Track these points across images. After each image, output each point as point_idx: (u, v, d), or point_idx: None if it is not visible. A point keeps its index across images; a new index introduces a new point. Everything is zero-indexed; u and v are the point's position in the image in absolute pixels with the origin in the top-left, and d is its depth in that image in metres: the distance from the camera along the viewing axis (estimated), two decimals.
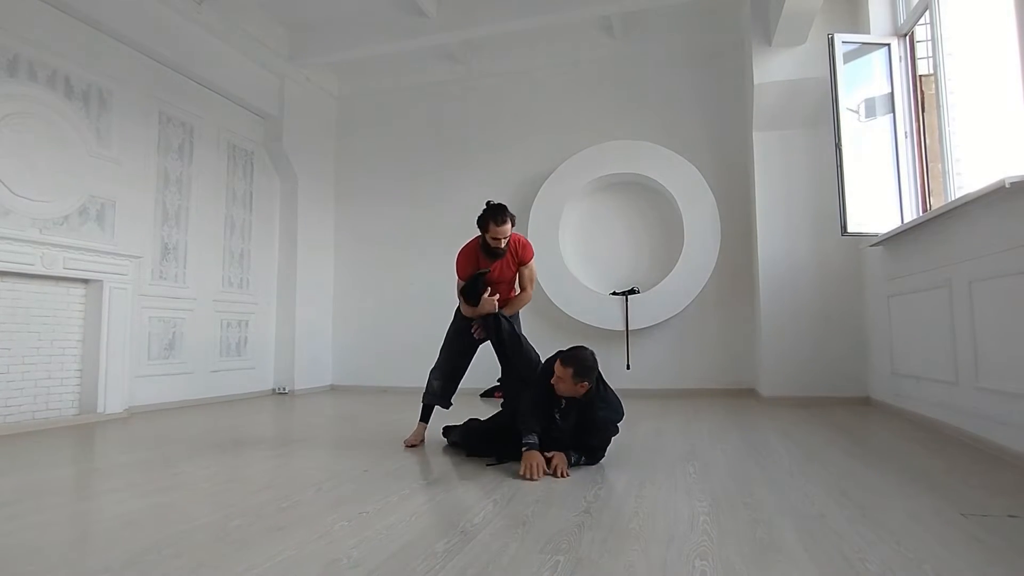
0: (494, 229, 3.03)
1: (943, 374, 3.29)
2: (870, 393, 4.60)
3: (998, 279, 2.72)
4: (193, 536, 1.76)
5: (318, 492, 2.25)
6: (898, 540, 1.64)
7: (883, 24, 4.34)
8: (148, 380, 4.85)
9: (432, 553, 1.57)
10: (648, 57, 5.97)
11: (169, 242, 5.10)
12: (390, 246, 6.64)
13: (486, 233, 3.07)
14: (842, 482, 2.30)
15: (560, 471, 2.41)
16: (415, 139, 6.66)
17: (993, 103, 3.33)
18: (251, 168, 6.02)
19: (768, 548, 1.60)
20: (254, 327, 5.97)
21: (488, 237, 3.07)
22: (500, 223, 3.02)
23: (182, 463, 2.85)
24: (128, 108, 4.71)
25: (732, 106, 5.68)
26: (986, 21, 3.38)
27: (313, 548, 1.63)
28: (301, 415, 4.68)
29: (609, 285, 5.83)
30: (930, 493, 2.13)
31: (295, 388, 6.12)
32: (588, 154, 5.86)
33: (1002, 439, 2.68)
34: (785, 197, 4.98)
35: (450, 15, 5.56)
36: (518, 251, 3.21)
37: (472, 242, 3.23)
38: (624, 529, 1.77)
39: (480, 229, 3.10)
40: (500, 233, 3.03)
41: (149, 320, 4.90)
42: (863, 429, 3.58)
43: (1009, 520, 1.81)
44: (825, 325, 4.81)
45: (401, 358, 6.42)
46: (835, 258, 4.83)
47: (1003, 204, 2.64)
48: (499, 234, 3.03)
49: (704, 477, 2.40)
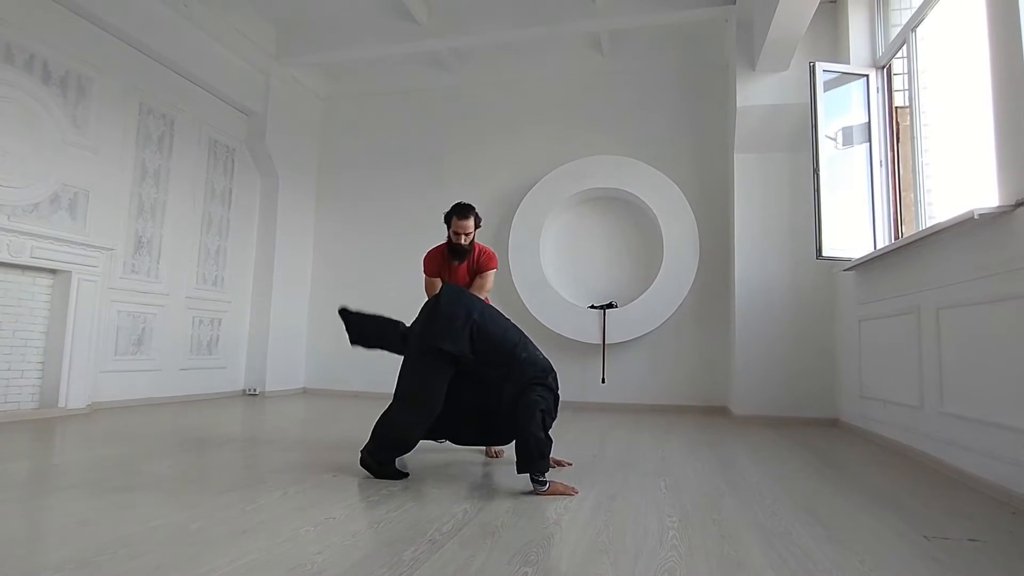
0: (456, 223, 3.19)
1: (909, 398, 3.36)
2: (839, 415, 4.67)
3: (964, 307, 2.80)
4: (151, 536, 1.70)
5: (284, 496, 2.20)
6: (861, 559, 1.66)
7: (862, 55, 4.46)
8: (114, 375, 4.73)
9: (399, 561, 1.55)
10: (635, 75, 6.05)
11: (143, 235, 4.99)
12: (370, 250, 6.59)
13: (449, 228, 3.24)
14: (809, 501, 2.32)
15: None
16: (399, 144, 6.64)
17: (964, 136, 3.44)
18: (232, 164, 5.94)
19: (735, 564, 1.60)
20: (227, 326, 5.87)
21: (451, 232, 3.22)
22: (462, 217, 3.19)
23: (144, 462, 2.77)
24: (107, 97, 4.61)
25: (715, 127, 5.78)
26: (960, 57, 3.50)
27: (277, 552, 1.59)
28: (271, 417, 4.59)
29: (587, 298, 5.85)
30: (894, 514, 2.16)
31: (266, 390, 6.02)
32: (571, 167, 5.90)
33: (964, 464, 2.74)
34: (762, 219, 5.07)
35: (441, 22, 5.57)
36: (479, 258, 3.33)
37: (441, 244, 3.38)
38: (593, 542, 1.76)
39: (445, 224, 3.26)
40: (462, 228, 3.18)
41: (118, 314, 4.79)
42: (831, 450, 3.63)
43: (969, 543, 1.84)
44: (797, 346, 4.88)
45: (375, 363, 6.32)
46: (809, 281, 4.92)
47: (971, 235, 2.72)
48: (460, 228, 3.18)
49: (674, 493, 2.41)
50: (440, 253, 3.36)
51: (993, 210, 2.47)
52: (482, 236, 6.34)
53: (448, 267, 3.33)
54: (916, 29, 3.78)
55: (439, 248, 3.38)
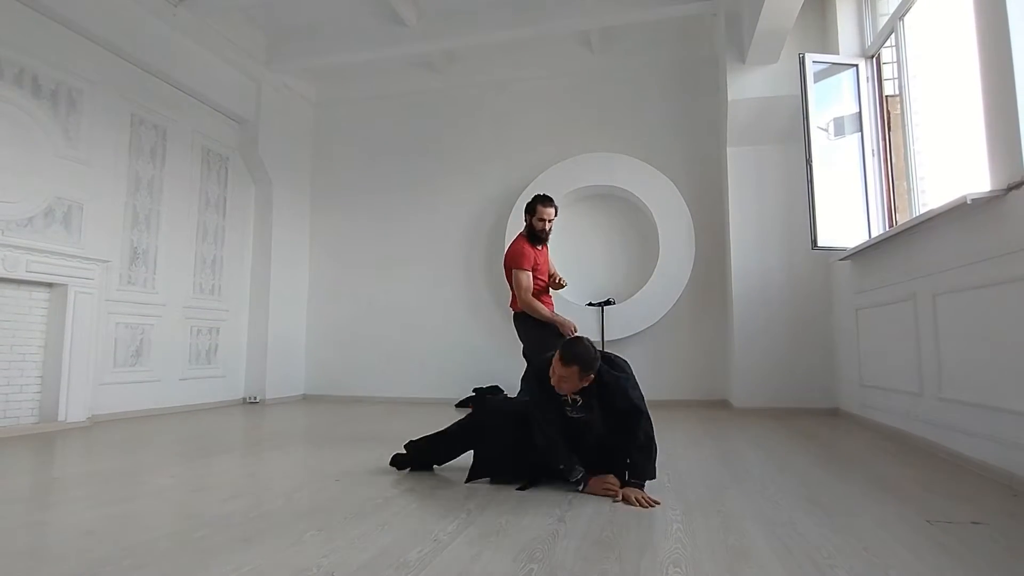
0: (543, 211, 3.41)
1: (908, 385, 3.37)
2: (839, 404, 4.69)
3: (960, 292, 2.81)
4: (155, 546, 1.70)
5: (288, 501, 2.20)
6: (865, 546, 1.66)
7: (851, 45, 4.48)
8: (113, 388, 4.71)
9: (404, 562, 1.55)
10: (626, 72, 6.06)
11: (139, 247, 4.98)
12: (366, 255, 6.59)
13: (532, 216, 3.41)
14: (811, 490, 2.33)
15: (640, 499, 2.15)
16: (393, 148, 6.64)
17: (955, 123, 3.45)
18: (225, 173, 5.93)
19: (740, 555, 1.61)
20: (225, 335, 5.86)
21: (535, 219, 3.42)
22: (548, 204, 3.44)
23: (146, 472, 2.77)
24: (98, 109, 4.60)
25: (707, 121, 5.79)
26: (948, 45, 3.51)
27: (281, 558, 1.59)
28: (272, 424, 4.59)
29: (585, 296, 5.85)
30: (896, 501, 2.17)
31: (266, 397, 6.01)
32: (565, 166, 5.91)
33: (964, 448, 2.75)
34: (757, 211, 5.08)
35: (430, 25, 5.58)
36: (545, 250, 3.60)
37: (518, 240, 3.49)
38: (598, 537, 1.76)
39: (528, 213, 3.46)
40: (548, 215, 3.43)
41: (116, 326, 4.77)
42: (832, 439, 3.65)
43: (972, 527, 1.85)
44: (795, 337, 4.89)
45: (375, 368, 6.37)
46: (805, 272, 4.93)
47: (965, 220, 2.73)
48: (547, 215, 3.42)
49: (678, 485, 2.41)
50: (527, 244, 3.46)
51: (985, 195, 2.48)
52: (479, 237, 6.38)
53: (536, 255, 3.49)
54: (904, 18, 3.79)
55: (524, 240, 3.48)
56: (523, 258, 3.41)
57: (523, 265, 3.40)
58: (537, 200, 3.52)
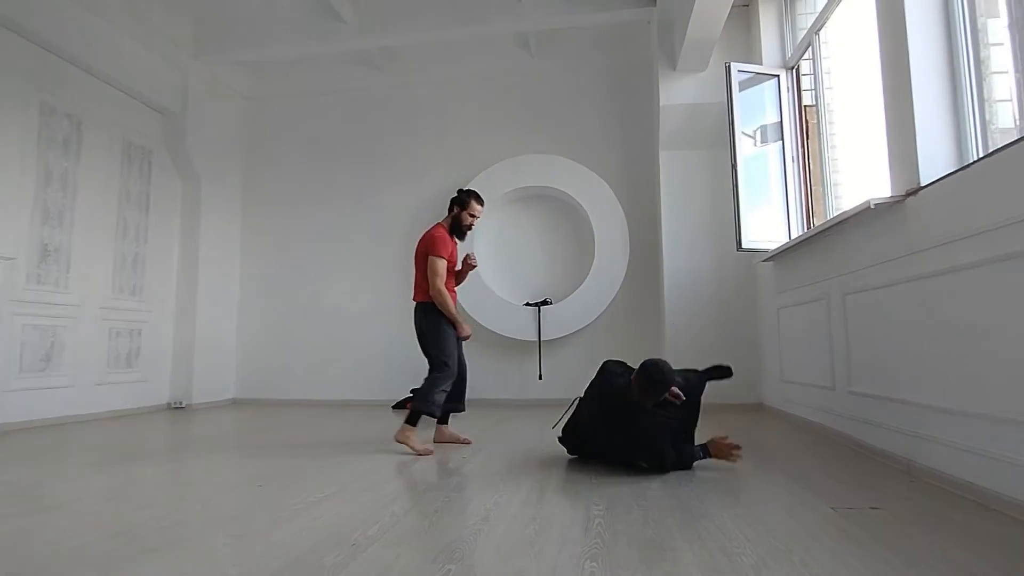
0: (475, 206, 3.53)
1: (822, 380, 3.56)
2: (763, 399, 4.90)
3: (866, 292, 2.99)
4: (55, 560, 1.60)
5: (204, 509, 2.12)
6: (773, 534, 1.75)
7: (773, 56, 4.69)
8: (20, 394, 4.40)
9: (320, 567, 1.51)
10: (563, 75, 6.14)
11: (50, 244, 4.67)
12: (300, 254, 6.41)
13: (463, 209, 3.48)
14: (731, 483, 2.43)
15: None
16: (330, 145, 6.49)
17: (865, 132, 3.67)
18: (148, 168, 5.64)
19: (656, 547, 1.66)
20: (148, 337, 5.57)
21: (466, 213, 3.51)
22: (481, 203, 3.57)
23: (55, 483, 2.60)
24: (1, 96, 4.28)
25: (641, 125, 5.93)
26: (859, 59, 3.74)
27: (187, 569, 1.53)
28: (197, 430, 4.40)
29: (522, 296, 5.90)
30: (806, 489, 2.28)
31: (193, 402, 5.75)
32: (503, 166, 5.93)
33: (870, 439, 2.93)
34: (688, 213, 5.25)
35: (367, 21, 5.49)
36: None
37: (438, 228, 3.50)
38: (520, 535, 1.78)
39: (459, 206, 3.50)
40: (479, 212, 3.56)
41: (23, 328, 4.46)
42: (754, 433, 3.81)
43: (871, 512, 1.97)
44: (723, 335, 5.08)
45: (310, 370, 6.20)
46: (732, 272, 5.13)
47: (870, 224, 2.91)
48: (478, 212, 3.55)
49: (603, 482, 2.46)
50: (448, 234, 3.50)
51: (887, 200, 2.65)
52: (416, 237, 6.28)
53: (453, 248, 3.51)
54: (819, 32, 4.01)
55: (444, 229, 3.51)
56: (443, 246, 3.39)
57: (441, 253, 3.38)
58: (472, 196, 3.54)
